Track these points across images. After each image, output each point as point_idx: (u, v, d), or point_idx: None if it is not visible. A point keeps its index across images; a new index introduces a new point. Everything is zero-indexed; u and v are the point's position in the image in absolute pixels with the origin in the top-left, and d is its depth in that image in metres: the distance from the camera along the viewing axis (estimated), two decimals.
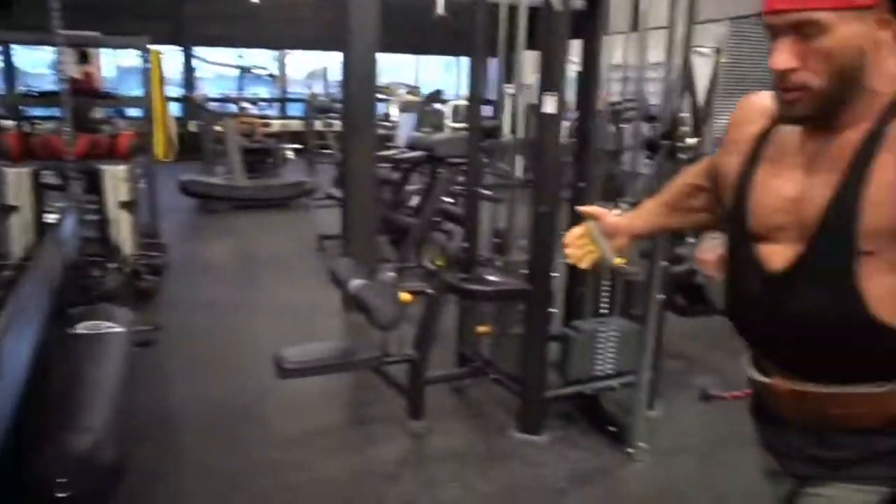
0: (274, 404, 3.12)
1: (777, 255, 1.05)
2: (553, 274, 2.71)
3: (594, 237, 1.37)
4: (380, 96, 10.00)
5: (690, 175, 1.40)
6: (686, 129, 2.31)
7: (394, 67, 13.73)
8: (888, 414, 1.02)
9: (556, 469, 2.67)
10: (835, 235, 0.97)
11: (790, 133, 1.05)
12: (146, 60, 5.38)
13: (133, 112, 6.66)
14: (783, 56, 0.94)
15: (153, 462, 2.57)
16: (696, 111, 6.44)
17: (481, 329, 3.08)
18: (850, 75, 0.94)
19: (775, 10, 0.95)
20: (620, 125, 5.73)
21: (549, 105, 2.49)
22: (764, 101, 1.14)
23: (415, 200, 5.41)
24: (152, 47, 5.67)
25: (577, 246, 1.40)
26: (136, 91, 5.82)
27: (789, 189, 1.03)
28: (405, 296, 2.74)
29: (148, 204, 5.66)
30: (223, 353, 3.78)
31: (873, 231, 0.94)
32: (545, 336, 2.76)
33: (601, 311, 3.07)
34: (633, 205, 2.55)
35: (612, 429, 2.85)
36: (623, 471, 2.68)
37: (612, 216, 1.40)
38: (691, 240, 3.27)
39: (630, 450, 2.75)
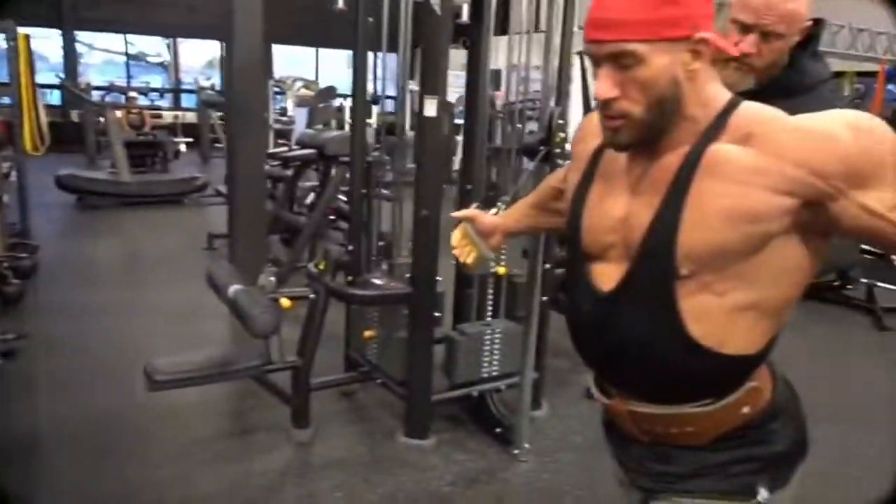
0: (152, 417, 2.94)
1: (606, 276, 1.07)
2: (437, 278, 2.69)
3: (471, 237, 1.45)
4: (276, 90, 9.79)
5: (555, 178, 1.45)
6: (564, 134, 2.33)
7: (295, 61, 13.40)
8: (714, 431, 1.06)
9: (442, 473, 2.66)
10: (655, 258, 0.99)
11: (619, 154, 1.06)
12: (12, 44, 4.97)
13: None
14: (605, 85, 0.96)
15: (18, 490, 2.35)
16: (588, 112, 6.66)
17: (368, 333, 3.02)
18: (667, 103, 0.96)
19: (594, 40, 0.96)
20: (518, 125, 5.81)
21: (430, 108, 2.47)
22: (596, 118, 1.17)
23: (311, 199, 5.29)
24: (21, 30, 5.25)
25: (461, 246, 1.48)
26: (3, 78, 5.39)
27: (618, 209, 1.05)
28: (285, 301, 2.65)
29: (17, 200, 5.25)
30: (98, 362, 3.53)
31: (690, 254, 0.95)
32: (430, 339, 2.74)
33: (489, 313, 3.09)
34: (510, 204, 2.59)
35: (498, 430, 2.87)
36: (507, 472, 2.70)
37: (486, 217, 1.47)
38: None
39: (515, 451, 2.78)
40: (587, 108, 6.49)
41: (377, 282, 2.90)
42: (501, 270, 3.01)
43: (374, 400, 3.17)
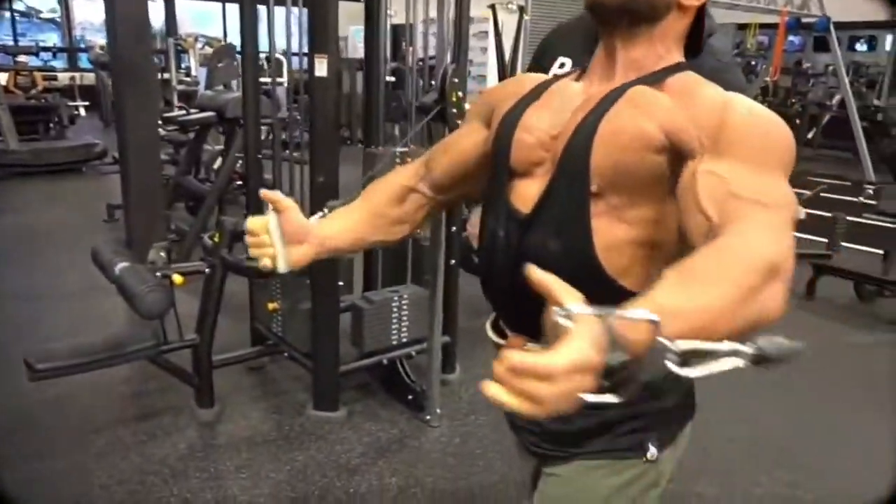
0: (45, 406, 2.75)
1: (527, 195, 1.03)
2: None
3: (272, 234, 1.06)
4: (179, 48, 9.26)
5: (407, 174, 1.25)
6: (460, 93, 2.24)
7: (206, 17, 12.69)
8: None
9: (353, 445, 2.61)
10: (571, 172, 0.97)
11: (571, 84, 1.06)
12: None
13: None
14: None
15: None
16: (502, 68, 6.55)
17: (272, 306, 2.90)
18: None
19: None
20: (433, 82, 5.68)
21: (321, 68, 2.33)
22: (532, 76, 1.17)
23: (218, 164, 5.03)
24: None
25: (256, 238, 1.07)
26: None
27: (554, 125, 1.02)
28: (178, 278, 2.50)
29: None
30: None
31: (599, 168, 0.94)
32: (334, 309, 2.65)
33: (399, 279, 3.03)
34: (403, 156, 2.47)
35: (410, 397, 2.84)
36: (419, 439, 2.67)
37: (300, 216, 1.09)
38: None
39: (427, 417, 2.75)
40: (501, 66, 6.39)
41: None
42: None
43: (283, 374, 3.07)
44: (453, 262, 2.88)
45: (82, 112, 9.00)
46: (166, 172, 5.01)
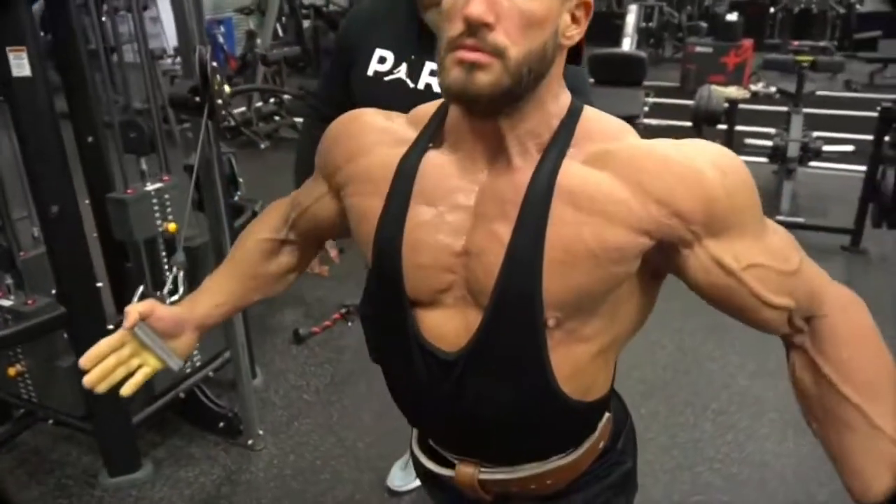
0: None
1: (445, 332, 0.82)
2: (98, 284, 2.08)
3: (144, 344, 0.96)
4: None
5: (266, 226, 1.07)
6: (225, 83, 1.85)
7: None
8: (573, 475, 0.93)
9: (174, 497, 2.22)
10: (516, 308, 0.77)
11: (445, 163, 0.82)
12: None
13: None
14: (481, 5, 0.70)
15: None
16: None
17: (13, 371, 2.28)
18: (543, 62, 0.75)
19: None
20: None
21: (20, 65, 1.75)
22: (376, 120, 0.89)
23: None
24: None
25: (108, 369, 0.94)
26: None
27: (454, 240, 0.79)
28: None
29: None
30: None
31: (557, 301, 0.76)
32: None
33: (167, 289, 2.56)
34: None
35: (221, 424, 2.48)
36: (248, 471, 2.36)
37: (165, 308, 0.97)
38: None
39: (249, 441, 2.44)
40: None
41: (3, 303, 2.15)
42: (172, 227, 2.42)
43: (52, 443, 2.48)
44: None
45: None
46: None
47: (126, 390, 0.96)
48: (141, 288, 0.98)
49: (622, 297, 0.81)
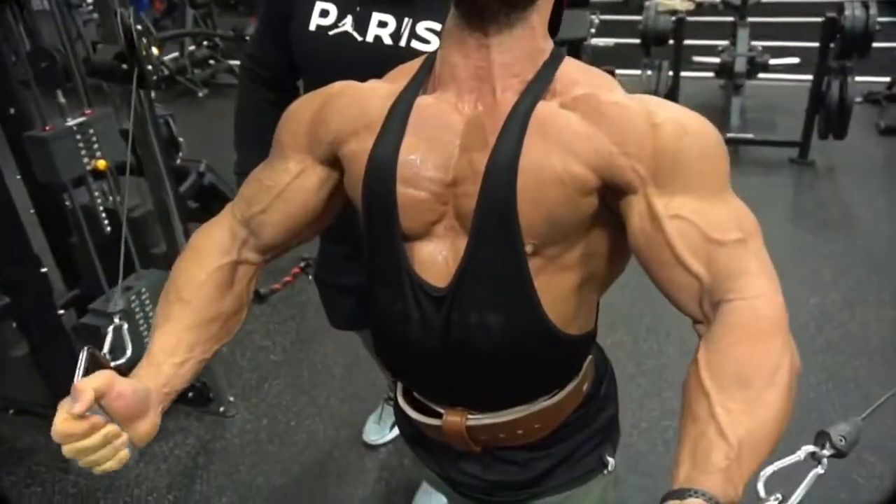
0: None
1: (435, 264, 0.83)
2: (42, 269, 1.99)
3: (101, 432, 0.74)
4: None
5: (211, 252, 0.92)
6: (153, 46, 1.72)
7: None
8: (559, 420, 0.94)
9: (150, 479, 2.20)
10: (494, 232, 0.79)
11: (435, 103, 0.83)
12: None
13: None
14: None
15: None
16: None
17: None
18: None
19: None
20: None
21: None
22: (378, 89, 0.88)
23: None
24: None
25: (91, 454, 0.75)
26: None
27: (445, 171, 0.81)
28: None
29: None
30: None
31: (532, 227, 0.78)
32: (63, 341, 2.09)
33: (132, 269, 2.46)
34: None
35: (190, 394, 2.45)
36: (223, 438, 2.35)
37: (126, 382, 0.76)
38: None
39: (221, 408, 2.43)
40: None
41: None
42: (101, 164, 2.15)
43: (19, 432, 2.41)
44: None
45: None
46: None
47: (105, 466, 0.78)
48: (86, 350, 0.74)
49: (595, 236, 0.82)
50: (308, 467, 2.22)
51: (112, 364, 0.79)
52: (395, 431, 2.20)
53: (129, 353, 0.84)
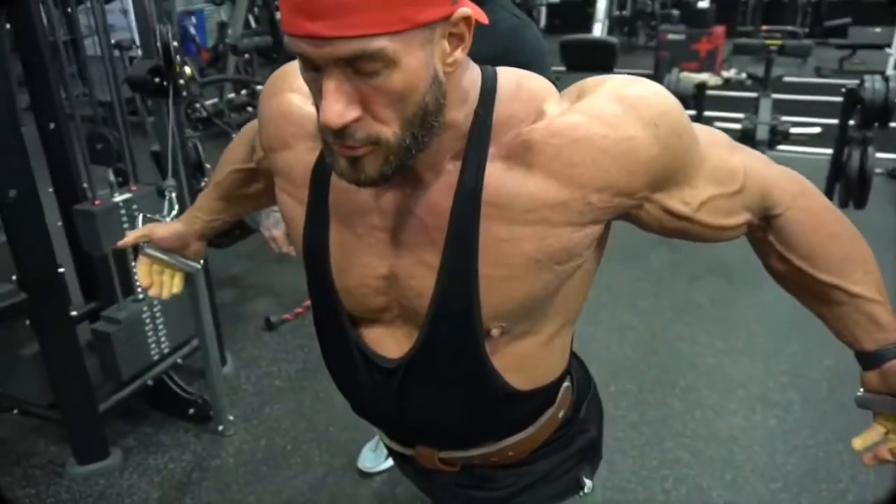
0: None
1: (388, 341, 0.83)
2: (60, 269, 2.05)
3: (164, 261, 1.15)
4: None
5: (233, 158, 1.10)
6: (186, 65, 1.83)
7: None
8: (536, 444, 0.94)
9: (143, 491, 2.20)
10: (453, 324, 0.77)
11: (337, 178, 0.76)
12: None
13: None
14: (337, 106, 0.62)
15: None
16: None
17: None
18: (430, 116, 0.66)
19: (310, 35, 0.60)
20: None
21: None
22: (294, 102, 0.83)
23: None
24: None
25: (155, 282, 1.16)
26: None
27: (378, 264, 0.79)
28: None
29: None
30: None
31: (500, 314, 0.76)
32: (73, 345, 2.13)
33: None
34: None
35: (192, 411, 2.47)
36: (219, 456, 2.35)
37: (165, 228, 1.15)
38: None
39: (219, 427, 2.43)
40: None
41: None
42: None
43: (19, 433, 2.44)
44: None
45: None
46: None
47: (171, 292, 1.16)
48: (141, 216, 1.21)
49: (574, 282, 0.79)
50: (300, 491, 2.20)
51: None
52: (391, 461, 2.17)
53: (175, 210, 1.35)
